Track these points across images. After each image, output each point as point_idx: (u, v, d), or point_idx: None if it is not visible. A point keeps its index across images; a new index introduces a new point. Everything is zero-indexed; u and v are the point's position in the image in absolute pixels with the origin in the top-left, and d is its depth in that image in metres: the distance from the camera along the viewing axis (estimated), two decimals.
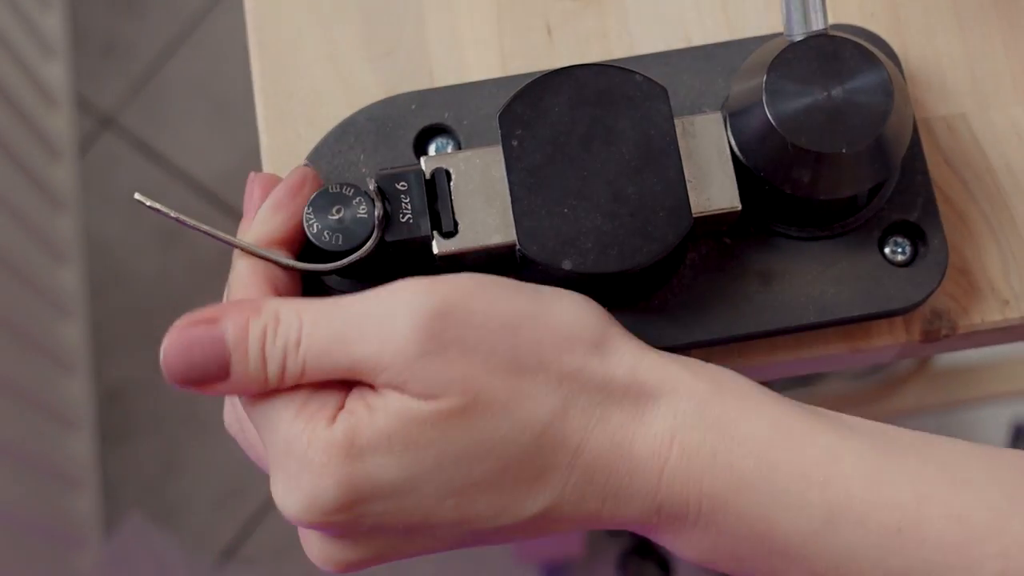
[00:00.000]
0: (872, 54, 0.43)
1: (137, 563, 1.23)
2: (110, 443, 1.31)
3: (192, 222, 0.42)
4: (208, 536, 1.29)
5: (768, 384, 0.41)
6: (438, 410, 0.37)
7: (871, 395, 1.08)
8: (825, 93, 0.42)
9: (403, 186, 0.43)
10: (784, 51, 0.43)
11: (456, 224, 0.43)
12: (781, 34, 0.47)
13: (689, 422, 0.38)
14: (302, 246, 0.43)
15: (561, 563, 1.22)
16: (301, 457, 0.37)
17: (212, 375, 0.38)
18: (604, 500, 0.38)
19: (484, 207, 0.43)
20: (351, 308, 0.38)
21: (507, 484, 0.38)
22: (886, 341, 0.46)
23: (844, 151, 0.42)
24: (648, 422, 0.38)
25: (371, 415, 0.37)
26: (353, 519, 0.37)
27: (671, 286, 0.45)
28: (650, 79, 0.43)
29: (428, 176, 0.43)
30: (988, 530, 0.35)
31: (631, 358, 0.39)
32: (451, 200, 0.43)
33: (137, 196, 0.42)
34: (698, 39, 0.50)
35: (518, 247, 0.42)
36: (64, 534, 1.19)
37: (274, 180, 0.44)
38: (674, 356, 0.40)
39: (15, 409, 1.11)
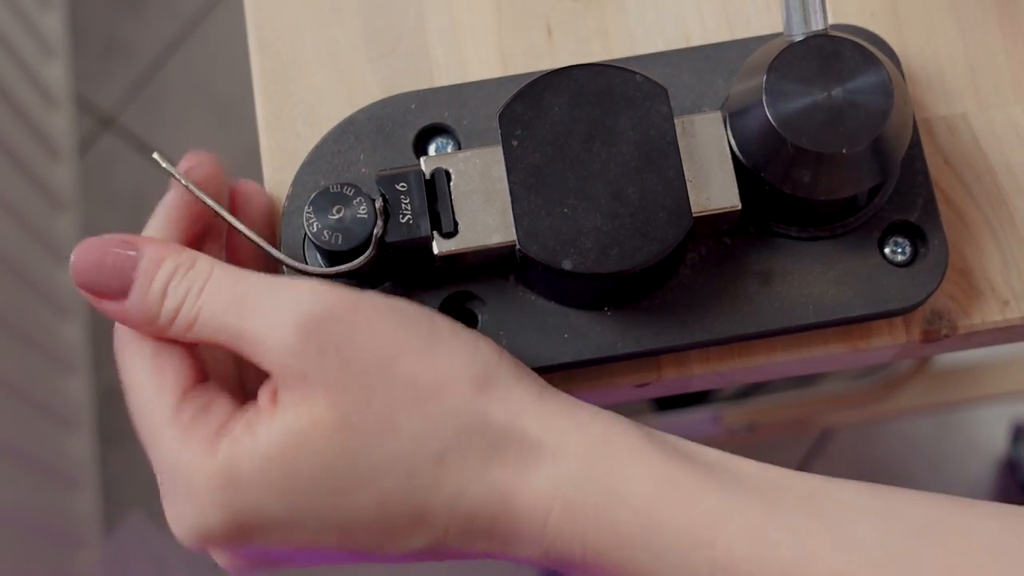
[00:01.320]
0: (872, 54, 0.43)
1: (137, 563, 1.23)
2: (110, 443, 1.31)
3: (200, 194, 0.42)
4: None
5: (769, 384, 0.41)
6: (312, 423, 0.37)
7: (871, 395, 1.08)
8: (825, 93, 0.42)
9: (403, 187, 0.43)
10: (784, 51, 0.43)
11: (456, 224, 0.43)
12: (781, 34, 0.47)
13: (572, 480, 0.38)
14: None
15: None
16: (186, 484, 0.38)
17: (112, 289, 0.40)
18: (491, 541, 0.38)
19: (484, 207, 0.43)
20: (259, 283, 0.39)
21: (386, 521, 0.38)
22: (886, 341, 0.46)
23: (844, 151, 0.42)
24: (530, 477, 0.38)
25: (252, 439, 0.37)
26: (240, 546, 0.38)
27: (671, 286, 0.45)
28: (650, 79, 0.43)
29: (428, 176, 0.43)
30: None
31: (515, 405, 0.38)
32: (451, 200, 0.43)
33: (155, 155, 0.43)
34: (698, 39, 0.50)
35: (518, 247, 0.42)
36: (64, 534, 1.19)
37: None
38: (566, 403, 0.39)
39: (15, 409, 1.11)
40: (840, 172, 0.42)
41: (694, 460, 0.38)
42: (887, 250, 0.45)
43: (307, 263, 0.45)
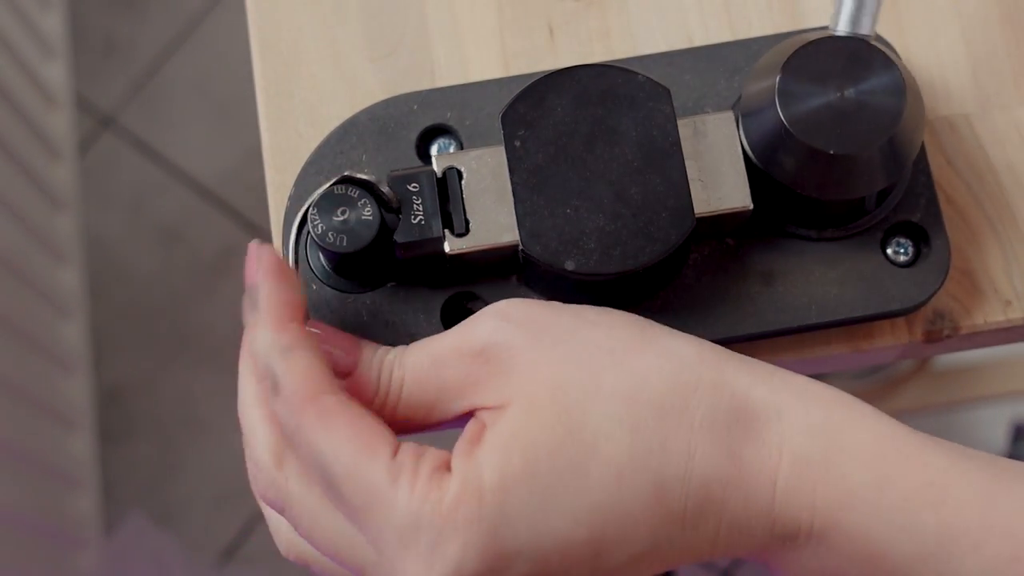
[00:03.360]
0: (886, 56, 0.43)
1: (137, 563, 1.23)
2: (110, 443, 1.31)
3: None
4: (208, 536, 1.29)
5: None
6: (529, 402, 0.36)
7: (871, 395, 1.08)
8: (838, 94, 0.42)
9: (414, 187, 0.43)
10: (797, 51, 0.43)
11: (468, 223, 0.43)
12: (782, 35, 0.47)
13: (797, 431, 0.37)
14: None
15: None
16: (434, 525, 0.35)
17: (342, 362, 0.39)
18: (719, 527, 0.37)
19: (495, 206, 0.43)
20: (445, 335, 0.39)
21: (627, 501, 0.36)
22: (888, 341, 0.46)
23: (856, 152, 0.42)
24: (755, 435, 0.37)
25: (484, 446, 0.36)
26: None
27: (674, 286, 0.45)
28: (653, 80, 0.43)
29: (440, 175, 0.43)
30: None
31: (735, 364, 0.38)
32: (463, 199, 0.43)
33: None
34: (700, 39, 0.50)
35: (521, 247, 0.42)
36: (64, 534, 1.19)
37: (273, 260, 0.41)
38: (781, 370, 0.39)
39: (15, 409, 1.11)
40: (853, 173, 0.42)
41: (908, 428, 0.37)
42: (889, 250, 0.45)
43: (310, 264, 0.45)
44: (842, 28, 0.43)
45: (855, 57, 0.43)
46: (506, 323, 0.38)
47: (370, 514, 0.36)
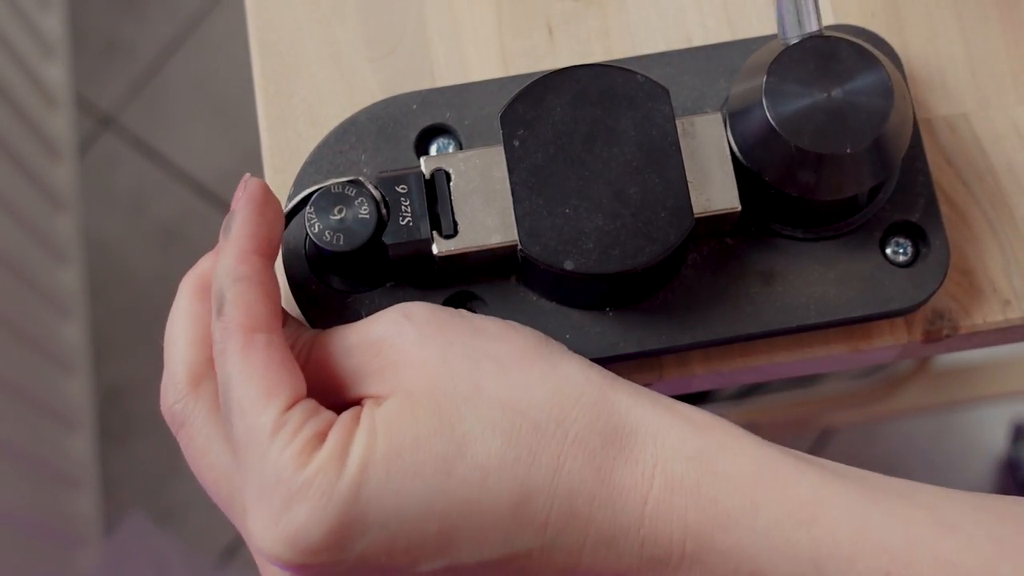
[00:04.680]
0: (871, 54, 0.43)
1: (137, 563, 1.23)
2: (110, 443, 1.31)
3: None
4: (208, 536, 1.29)
5: (769, 384, 0.41)
6: (409, 396, 0.37)
7: (871, 395, 1.08)
8: (825, 94, 0.42)
9: (403, 188, 0.43)
10: (784, 52, 0.43)
11: (456, 225, 0.43)
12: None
13: (671, 454, 0.37)
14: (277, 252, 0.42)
15: None
16: (290, 485, 0.36)
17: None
18: (584, 544, 0.37)
19: (484, 207, 0.43)
20: (351, 327, 0.40)
21: (489, 502, 0.36)
22: (887, 341, 0.46)
23: (844, 152, 0.42)
24: (629, 455, 0.37)
25: (359, 428, 0.37)
26: (336, 556, 0.36)
27: (672, 286, 0.45)
28: (652, 79, 0.43)
29: (428, 176, 0.43)
30: (977, 574, 0.35)
31: (608, 386, 0.38)
32: (451, 201, 0.43)
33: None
34: (699, 39, 0.50)
35: (520, 247, 0.42)
36: (64, 534, 1.19)
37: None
38: (659, 395, 0.39)
39: (15, 409, 1.11)
40: (841, 172, 0.42)
41: (785, 449, 0.38)
42: (888, 250, 0.45)
43: (308, 264, 0.45)
44: (792, 34, 0.43)
45: (841, 57, 0.43)
46: (405, 320, 0.39)
47: (245, 455, 0.37)
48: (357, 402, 0.39)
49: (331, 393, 0.39)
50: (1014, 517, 0.36)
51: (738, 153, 0.44)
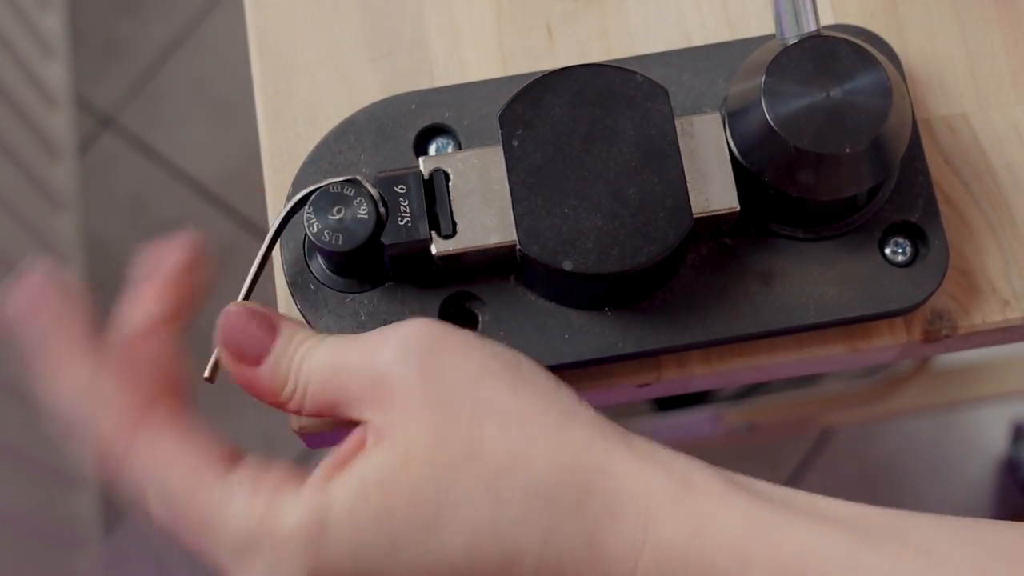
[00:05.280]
0: (870, 54, 0.43)
1: (137, 563, 1.23)
2: None
3: None
4: None
5: (769, 384, 0.41)
6: (407, 449, 0.37)
7: (871, 395, 1.08)
8: (823, 94, 0.42)
9: (402, 189, 0.43)
10: (782, 52, 0.43)
11: (454, 225, 0.43)
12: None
13: (661, 517, 0.37)
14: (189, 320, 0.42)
15: None
16: (270, 549, 0.36)
17: (253, 352, 0.39)
18: None
19: (482, 207, 0.43)
20: (353, 337, 0.39)
21: (477, 563, 0.36)
22: (887, 342, 0.46)
23: (843, 152, 0.42)
24: (621, 523, 0.37)
25: (347, 475, 0.37)
26: None
27: (671, 286, 0.45)
28: (651, 79, 0.43)
29: (427, 177, 0.43)
30: None
31: (602, 446, 0.38)
32: (449, 201, 0.43)
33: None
34: (699, 39, 0.50)
35: (519, 247, 0.42)
36: (64, 534, 1.19)
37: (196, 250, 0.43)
38: (648, 444, 0.39)
39: (15, 409, 1.11)
40: (840, 172, 0.42)
41: (774, 499, 0.38)
42: (888, 250, 0.45)
43: (308, 264, 0.45)
44: (790, 34, 0.43)
45: (840, 57, 0.43)
46: (409, 357, 0.38)
47: (204, 532, 0.37)
48: (352, 420, 0.39)
49: (340, 409, 0.39)
50: (1008, 551, 0.36)
51: (737, 153, 0.44)
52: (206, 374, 0.40)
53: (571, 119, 0.42)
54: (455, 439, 0.37)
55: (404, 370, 0.38)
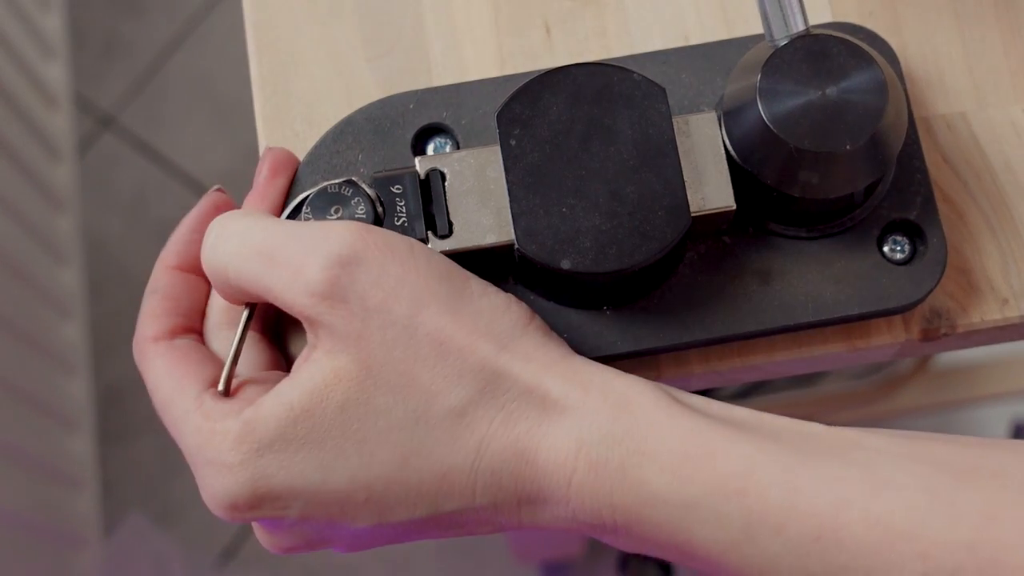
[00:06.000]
0: (865, 52, 0.43)
1: (137, 563, 1.23)
2: (110, 443, 1.31)
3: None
4: (208, 536, 1.29)
5: (769, 384, 0.41)
6: (335, 375, 0.38)
7: (871, 395, 1.08)
8: (819, 92, 0.42)
9: (398, 189, 0.43)
10: (778, 50, 0.43)
11: (451, 225, 0.43)
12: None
13: (595, 439, 0.38)
14: None
15: (561, 563, 1.22)
16: (212, 455, 0.39)
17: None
18: (520, 505, 0.39)
19: (478, 207, 0.43)
20: (287, 227, 0.40)
21: (412, 479, 0.38)
22: (885, 340, 0.46)
23: (840, 150, 0.42)
24: (552, 433, 0.38)
25: (276, 396, 0.38)
26: (275, 513, 0.39)
27: (670, 285, 0.45)
28: (648, 78, 0.43)
29: (423, 176, 0.43)
30: (908, 532, 0.35)
31: (539, 364, 0.39)
32: (445, 201, 0.43)
33: None
34: (696, 38, 0.50)
35: (516, 246, 0.42)
36: (64, 534, 1.19)
37: (285, 157, 0.45)
38: (589, 364, 0.40)
39: (15, 409, 1.11)
40: (836, 171, 0.42)
41: (720, 417, 0.38)
42: (886, 248, 0.45)
43: None
44: (779, 35, 0.43)
45: (835, 55, 0.43)
46: (345, 279, 0.38)
47: (178, 438, 0.41)
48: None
49: (256, 281, 0.40)
50: (954, 466, 0.36)
51: (733, 152, 0.44)
52: (220, 388, 0.41)
53: (569, 118, 0.42)
54: (388, 367, 0.38)
55: (351, 279, 0.38)
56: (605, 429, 0.38)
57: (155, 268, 0.44)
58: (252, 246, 0.40)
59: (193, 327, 0.43)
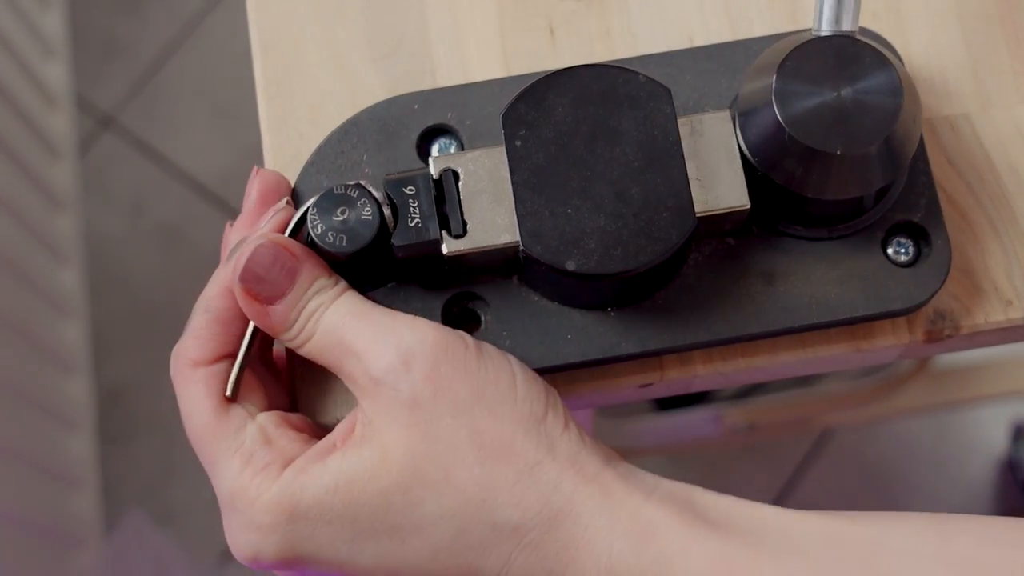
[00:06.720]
0: (882, 54, 0.43)
1: (137, 563, 1.23)
2: (110, 443, 1.31)
3: None
4: (208, 536, 1.29)
5: (769, 384, 0.41)
6: (383, 460, 0.38)
7: (871, 395, 1.08)
8: (835, 93, 0.42)
9: (411, 190, 0.43)
10: (794, 51, 0.43)
11: (465, 225, 0.43)
12: (784, 34, 0.47)
13: (625, 562, 0.38)
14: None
15: None
16: (245, 514, 0.39)
17: (266, 294, 0.41)
18: None
19: (492, 207, 0.43)
20: (377, 310, 0.41)
21: (438, 569, 0.38)
22: (889, 341, 0.46)
23: (854, 151, 0.42)
24: (582, 557, 0.38)
25: (322, 469, 0.39)
26: (298, 570, 0.40)
27: (674, 286, 0.45)
28: (653, 79, 0.43)
29: (436, 177, 0.43)
30: None
31: (574, 480, 0.39)
32: (459, 201, 0.43)
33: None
34: (701, 39, 0.50)
35: (521, 248, 0.42)
36: (64, 534, 1.19)
37: (276, 182, 0.45)
38: (623, 480, 0.39)
39: (15, 409, 1.11)
40: (849, 172, 0.42)
41: (746, 531, 0.38)
42: (890, 250, 0.45)
43: None
44: (825, 28, 0.43)
45: (851, 56, 0.43)
46: (404, 372, 0.39)
47: (211, 473, 0.41)
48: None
49: (321, 362, 0.41)
50: (985, 567, 0.36)
51: (747, 152, 0.44)
52: (228, 393, 0.41)
53: (574, 119, 0.42)
54: (432, 462, 0.38)
55: (396, 382, 0.39)
56: (636, 556, 0.38)
57: (214, 283, 0.43)
58: (343, 313, 0.41)
59: (236, 352, 0.43)
